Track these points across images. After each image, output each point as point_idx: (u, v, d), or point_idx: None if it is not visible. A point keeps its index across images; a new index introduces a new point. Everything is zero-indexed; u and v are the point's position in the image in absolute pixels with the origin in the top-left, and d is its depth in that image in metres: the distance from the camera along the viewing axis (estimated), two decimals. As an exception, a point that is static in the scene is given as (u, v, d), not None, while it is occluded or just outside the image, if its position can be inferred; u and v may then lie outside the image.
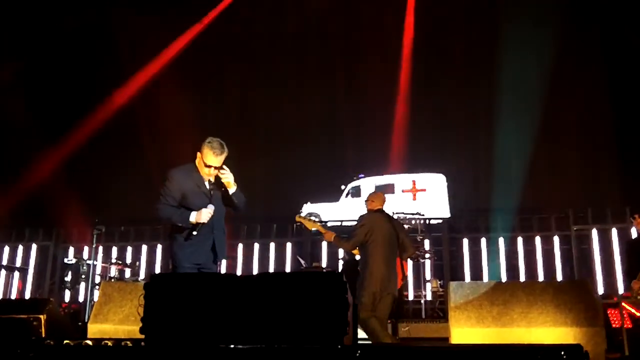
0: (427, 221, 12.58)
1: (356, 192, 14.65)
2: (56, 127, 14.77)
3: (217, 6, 15.96)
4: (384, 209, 7.42)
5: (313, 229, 8.12)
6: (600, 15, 13.67)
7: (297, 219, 8.21)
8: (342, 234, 7.54)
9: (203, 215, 5.27)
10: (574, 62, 13.54)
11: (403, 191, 14.31)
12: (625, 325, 6.72)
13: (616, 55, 13.31)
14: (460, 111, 14.62)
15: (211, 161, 5.32)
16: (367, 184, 14.55)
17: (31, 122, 14.36)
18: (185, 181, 5.41)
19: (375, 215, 7.23)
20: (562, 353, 3.29)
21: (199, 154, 5.39)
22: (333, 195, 14.87)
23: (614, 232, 12.09)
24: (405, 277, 7.50)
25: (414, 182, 14.34)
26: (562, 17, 13.26)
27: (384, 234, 7.01)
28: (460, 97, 14.56)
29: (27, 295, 13.70)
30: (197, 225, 5.28)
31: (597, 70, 13.77)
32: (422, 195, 14.15)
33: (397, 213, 10.88)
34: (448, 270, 12.58)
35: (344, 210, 14.22)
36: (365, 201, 7.64)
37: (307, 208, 14.54)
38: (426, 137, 14.61)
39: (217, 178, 5.44)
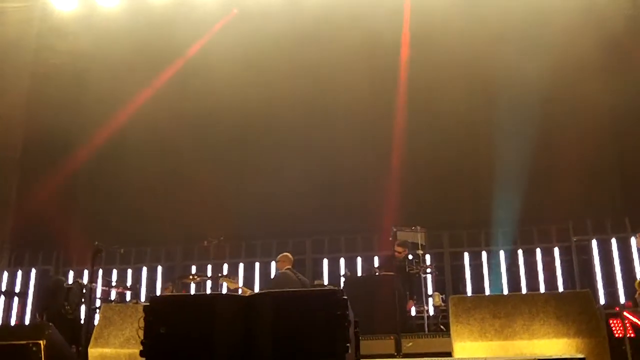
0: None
1: None
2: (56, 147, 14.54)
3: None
4: (291, 267, 9.17)
5: (234, 287, 10.00)
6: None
7: (221, 280, 10.04)
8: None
9: None
10: (575, 71, 13.29)
11: None
12: (628, 335, 6.68)
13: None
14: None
15: None
16: None
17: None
18: None
19: (285, 274, 8.95)
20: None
21: None
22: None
23: (614, 242, 12.06)
24: None
25: None
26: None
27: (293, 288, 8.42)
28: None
29: (27, 321, 13.60)
30: None
31: (597, 78, 13.60)
32: None
33: None
34: (450, 284, 12.55)
35: None
36: (276, 262, 9.43)
37: None
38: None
39: None
